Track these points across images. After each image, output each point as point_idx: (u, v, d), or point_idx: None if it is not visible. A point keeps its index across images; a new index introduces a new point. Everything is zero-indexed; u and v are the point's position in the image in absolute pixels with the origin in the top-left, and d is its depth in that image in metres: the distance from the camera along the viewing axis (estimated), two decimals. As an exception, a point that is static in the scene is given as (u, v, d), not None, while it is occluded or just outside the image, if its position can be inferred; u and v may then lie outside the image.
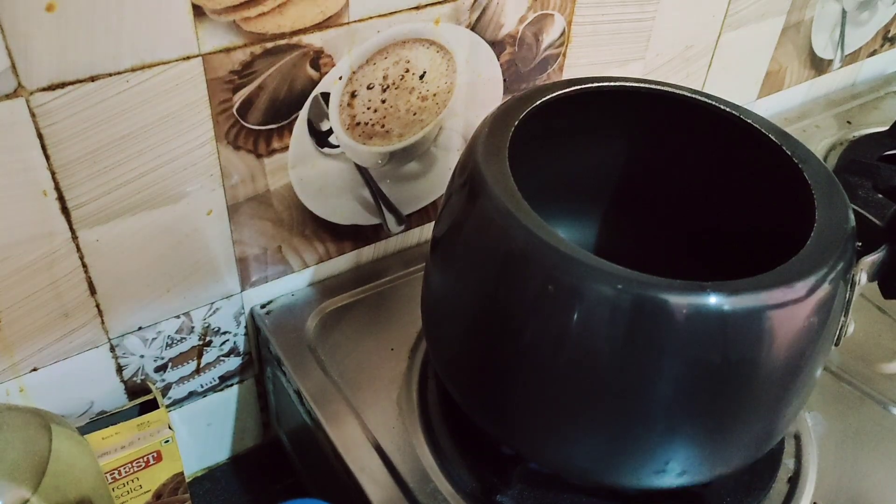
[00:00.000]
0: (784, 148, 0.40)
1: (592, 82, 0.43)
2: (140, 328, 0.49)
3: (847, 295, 0.36)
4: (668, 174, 0.49)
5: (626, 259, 0.34)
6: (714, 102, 0.43)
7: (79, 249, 0.43)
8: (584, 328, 0.33)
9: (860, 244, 0.37)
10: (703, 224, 0.48)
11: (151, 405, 0.49)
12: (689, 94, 0.44)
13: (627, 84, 0.44)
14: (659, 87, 0.44)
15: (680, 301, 0.31)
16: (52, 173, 0.39)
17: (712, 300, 0.31)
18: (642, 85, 0.44)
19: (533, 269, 0.34)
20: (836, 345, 0.38)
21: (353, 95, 0.48)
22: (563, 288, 0.33)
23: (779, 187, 0.41)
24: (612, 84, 0.44)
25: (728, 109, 0.43)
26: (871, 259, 0.37)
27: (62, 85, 0.37)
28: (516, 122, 0.40)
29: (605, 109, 0.45)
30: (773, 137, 0.41)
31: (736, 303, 0.32)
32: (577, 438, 0.37)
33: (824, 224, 0.36)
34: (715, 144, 0.45)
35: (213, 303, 0.51)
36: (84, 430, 0.46)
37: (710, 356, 0.33)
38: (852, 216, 0.37)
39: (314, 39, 0.44)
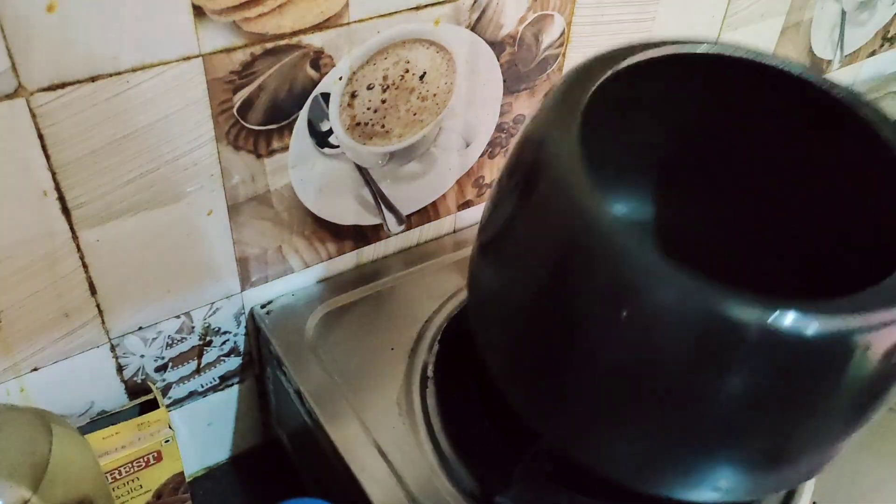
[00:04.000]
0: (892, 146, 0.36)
1: (668, 45, 0.39)
2: (140, 328, 0.49)
3: None
4: (745, 150, 0.44)
5: (692, 237, 0.30)
6: (807, 76, 0.39)
7: (79, 249, 0.43)
8: (642, 332, 0.31)
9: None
10: (780, 208, 0.44)
11: (152, 405, 0.49)
12: (778, 65, 0.39)
13: (702, 52, 0.40)
14: (738, 55, 0.40)
15: (754, 319, 0.28)
16: (53, 173, 0.39)
17: (791, 321, 0.28)
18: (720, 52, 0.40)
19: (597, 267, 0.31)
20: None
21: (353, 96, 0.48)
22: (625, 290, 0.30)
23: (874, 181, 0.37)
24: (684, 50, 0.39)
25: (823, 86, 0.39)
26: None
27: (63, 85, 0.37)
28: (588, 93, 0.35)
29: (676, 76, 0.41)
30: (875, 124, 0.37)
31: (818, 327, 0.28)
32: (622, 442, 0.35)
33: None
34: (802, 123, 0.41)
35: (213, 303, 0.51)
36: (84, 430, 0.47)
37: (779, 379, 0.30)
38: None
39: (314, 40, 0.44)
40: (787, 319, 0.28)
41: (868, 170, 0.38)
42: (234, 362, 0.56)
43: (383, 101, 0.50)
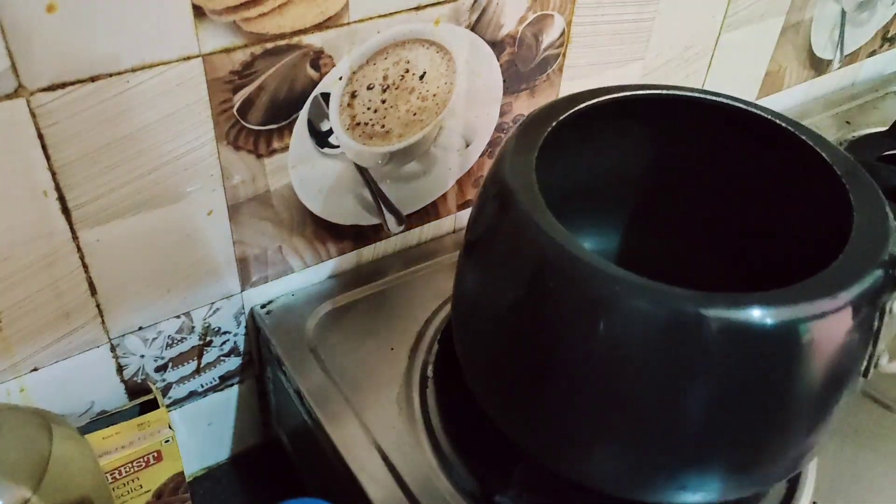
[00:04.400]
0: (829, 161, 0.39)
1: (617, 92, 0.43)
2: (140, 328, 0.49)
3: (877, 324, 0.34)
4: (695, 180, 0.48)
5: (654, 267, 0.33)
6: (747, 107, 0.42)
7: (79, 249, 0.43)
8: (614, 343, 0.33)
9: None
10: (732, 231, 0.47)
11: (152, 405, 0.49)
12: (718, 99, 0.43)
13: (652, 92, 0.43)
14: (685, 94, 0.44)
15: (711, 314, 0.31)
16: (53, 173, 0.39)
17: (733, 313, 0.31)
18: (668, 92, 0.44)
19: (563, 283, 0.33)
20: (865, 377, 0.36)
21: (353, 96, 0.48)
22: (594, 303, 0.33)
23: (817, 201, 0.40)
24: (638, 93, 0.43)
25: (764, 114, 0.42)
26: None
27: (63, 85, 0.37)
28: (543, 135, 0.39)
29: (631, 117, 0.45)
30: (816, 147, 0.40)
31: (751, 316, 0.31)
32: (601, 450, 0.36)
33: (857, 246, 0.34)
34: (746, 150, 0.44)
35: (213, 303, 0.51)
36: (84, 430, 0.47)
37: (736, 370, 0.32)
38: (893, 241, 0.35)
39: (314, 40, 0.44)
40: (746, 310, 0.31)
41: (809, 183, 0.40)
42: (234, 362, 0.56)
43: (383, 101, 0.50)
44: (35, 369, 0.46)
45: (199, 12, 0.39)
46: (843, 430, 0.48)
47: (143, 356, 0.50)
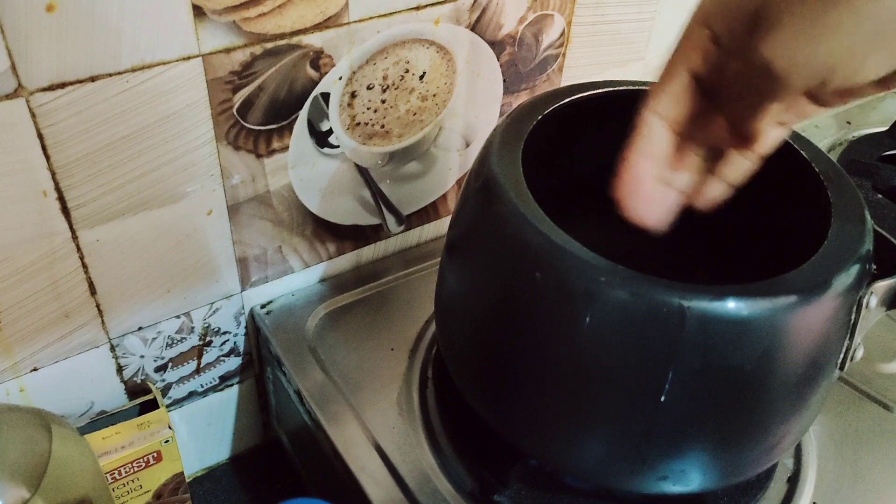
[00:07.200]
0: (813, 164, 0.39)
1: (600, 87, 0.43)
2: (140, 328, 0.49)
3: (853, 317, 0.35)
4: None
5: (639, 261, 0.33)
6: None
7: (79, 249, 0.43)
8: (599, 332, 0.33)
9: (876, 269, 0.35)
10: (717, 227, 0.47)
11: (151, 405, 0.49)
12: None
13: (636, 87, 0.44)
14: None
15: (693, 305, 0.31)
16: (53, 173, 0.39)
17: (714, 304, 0.31)
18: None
19: (547, 273, 0.34)
20: (842, 369, 0.36)
21: (353, 96, 0.48)
22: (577, 292, 0.33)
23: (799, 199, 0.40)
24: (621, 88, 0.43)
25: None
26: (885, 284, 0.35)
27: (62, 85, 0.37)
28: (529, 129, 0.40)
29: (616, 112, 0.45)
30: (797, 147, 0.40)
31: (732, 308, 0.31)
32: (583, 439, 0.37)
33: (835, 241, 0.35)
34: None
35: (213, 303, 0.51)
36: (84, 430, 0.47)
37: (716, 361, 0.33)
38: (870, 237, 0.35)
39: (314, 40, 0.44)
40: (727, 301, 0.31)
41: (791, 182, 0.41)
42: (233, 362, 0.56)
43: (383, 101, 0.50)
44: (35, 369, 0.46)
45: (198, 12, 0.39)
46: (843, 430, 0.48)
47: (142, 356, 0.50)
